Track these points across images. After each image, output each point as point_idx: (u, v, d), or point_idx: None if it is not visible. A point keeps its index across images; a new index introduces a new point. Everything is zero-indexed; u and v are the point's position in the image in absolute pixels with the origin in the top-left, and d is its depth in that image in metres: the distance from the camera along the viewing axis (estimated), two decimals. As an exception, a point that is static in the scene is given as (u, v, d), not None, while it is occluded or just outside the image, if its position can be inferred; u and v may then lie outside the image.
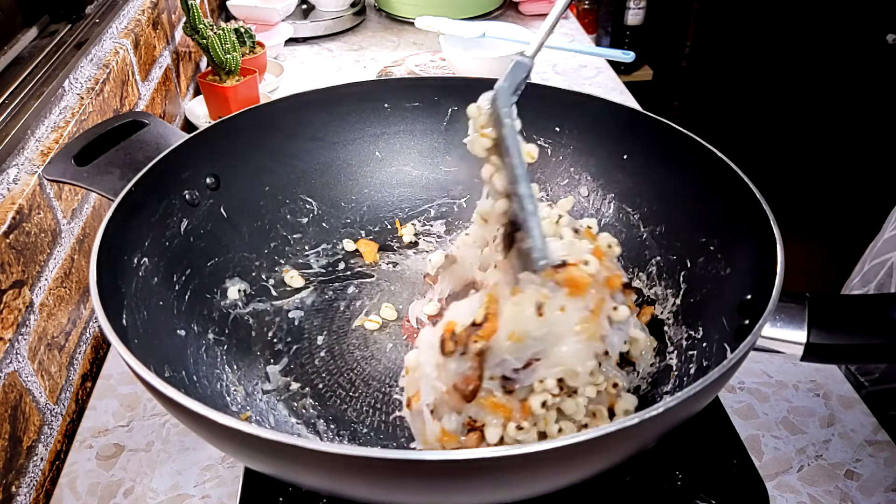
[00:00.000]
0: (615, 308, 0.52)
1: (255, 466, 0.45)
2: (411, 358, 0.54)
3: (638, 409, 0.56)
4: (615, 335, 0.51)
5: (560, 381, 0.48)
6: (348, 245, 0.73)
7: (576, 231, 0.55)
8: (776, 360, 0.66)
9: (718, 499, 0.53)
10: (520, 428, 0.48)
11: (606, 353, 0.50)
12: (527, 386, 0.48)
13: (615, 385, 0.51)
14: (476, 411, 0.49)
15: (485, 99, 0.53)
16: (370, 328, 0.65)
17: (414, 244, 0.75)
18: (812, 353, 0.46)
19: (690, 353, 0.56)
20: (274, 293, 0.67)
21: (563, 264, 0.50)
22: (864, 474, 0.57)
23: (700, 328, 0.56)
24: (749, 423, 0.61)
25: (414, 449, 0.53)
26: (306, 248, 0.72)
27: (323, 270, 0.71)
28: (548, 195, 0.74)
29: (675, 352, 0.58)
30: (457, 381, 0.48)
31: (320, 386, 0.60)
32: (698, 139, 0.60)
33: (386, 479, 0.37)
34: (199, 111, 1.05)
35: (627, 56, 1.02)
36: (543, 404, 0.48)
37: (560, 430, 0.49)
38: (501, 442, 0.49)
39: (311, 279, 0.70)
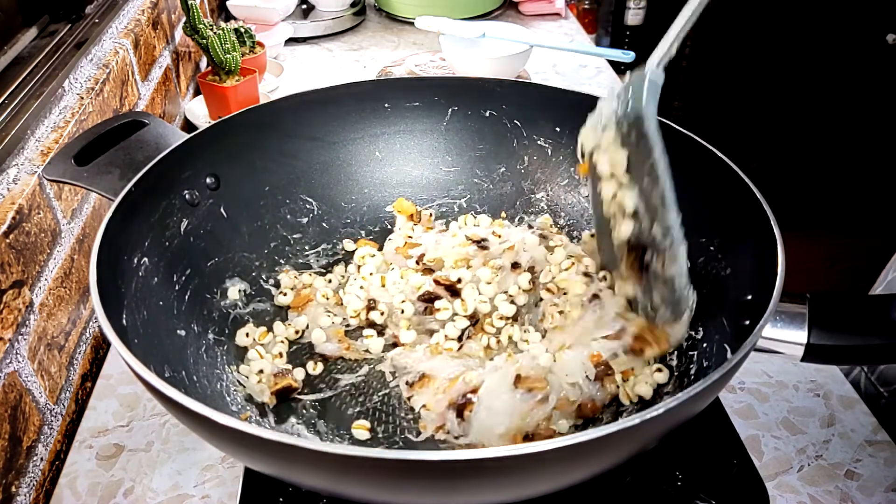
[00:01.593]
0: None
1: (255, 466, 0.45)
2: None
3: (639, 409, 0.56)
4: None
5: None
6: (348, 245, 0.73)
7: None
8: (776, 361, 0.66)
9: (718, 499, 0.52)
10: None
11: None
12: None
13: None
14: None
15: (606, 113, 0.50)
16: (370, 328, 0.65)
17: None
18: (812, 353, 0.46)
19: (691, 353, 0.56)
20: (274, 293, 0.67)
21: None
22: (864, 474, 0.57)
23: (700, 328, 0.56)
24: (749, 423, 0.61)
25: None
26: (306, 248, 0.72)
27: (323, 270, 0.71)
28: (548, 195, 0.74)
29: (676, 352, 0.57)
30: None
31: (321, 386, 0.60)
32: (698, 139, 0.60)
33: (386, 479, 0.37)
34: (199, 111, 1.05)
35: (627, 56, 1.02)
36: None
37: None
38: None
39: (311, 279, 0.70)
